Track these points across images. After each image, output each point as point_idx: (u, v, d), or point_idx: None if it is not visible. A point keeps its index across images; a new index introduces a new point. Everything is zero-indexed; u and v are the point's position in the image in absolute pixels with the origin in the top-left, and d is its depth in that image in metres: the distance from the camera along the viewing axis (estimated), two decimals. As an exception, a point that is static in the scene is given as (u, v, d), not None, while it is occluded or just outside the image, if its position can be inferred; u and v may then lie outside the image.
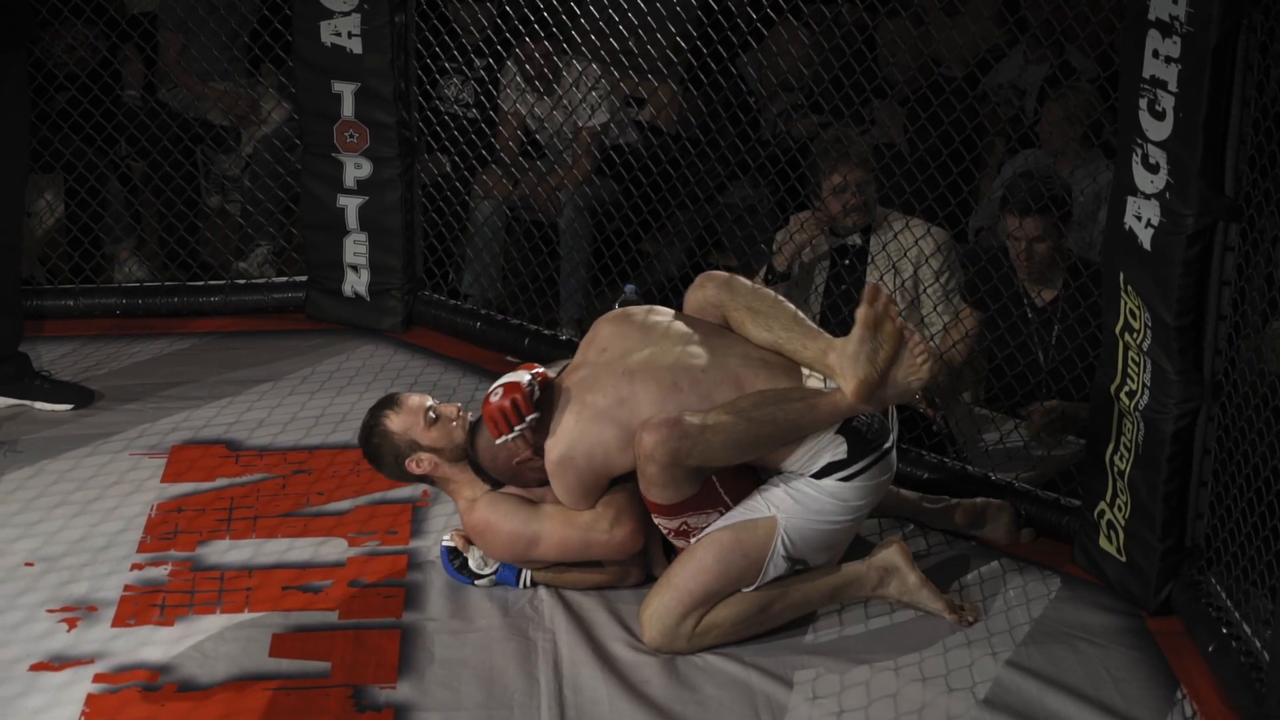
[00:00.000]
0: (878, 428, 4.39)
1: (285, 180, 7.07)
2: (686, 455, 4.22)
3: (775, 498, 4.36)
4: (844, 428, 4.34)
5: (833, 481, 4.33)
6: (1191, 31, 4.03)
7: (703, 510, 4.36)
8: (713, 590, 4.34)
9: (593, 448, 4.37)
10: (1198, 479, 4.43)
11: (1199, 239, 4.16)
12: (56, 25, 6.78)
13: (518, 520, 4.53)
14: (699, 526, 4.38)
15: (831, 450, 4.33)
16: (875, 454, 4.36)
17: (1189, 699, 4.18)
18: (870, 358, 4.27)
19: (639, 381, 4.37)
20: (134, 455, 5.47)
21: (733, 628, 4.36)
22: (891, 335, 4.28)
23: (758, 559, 4.34)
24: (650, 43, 6.21)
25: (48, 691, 4.17)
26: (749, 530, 4.34)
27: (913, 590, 4.51)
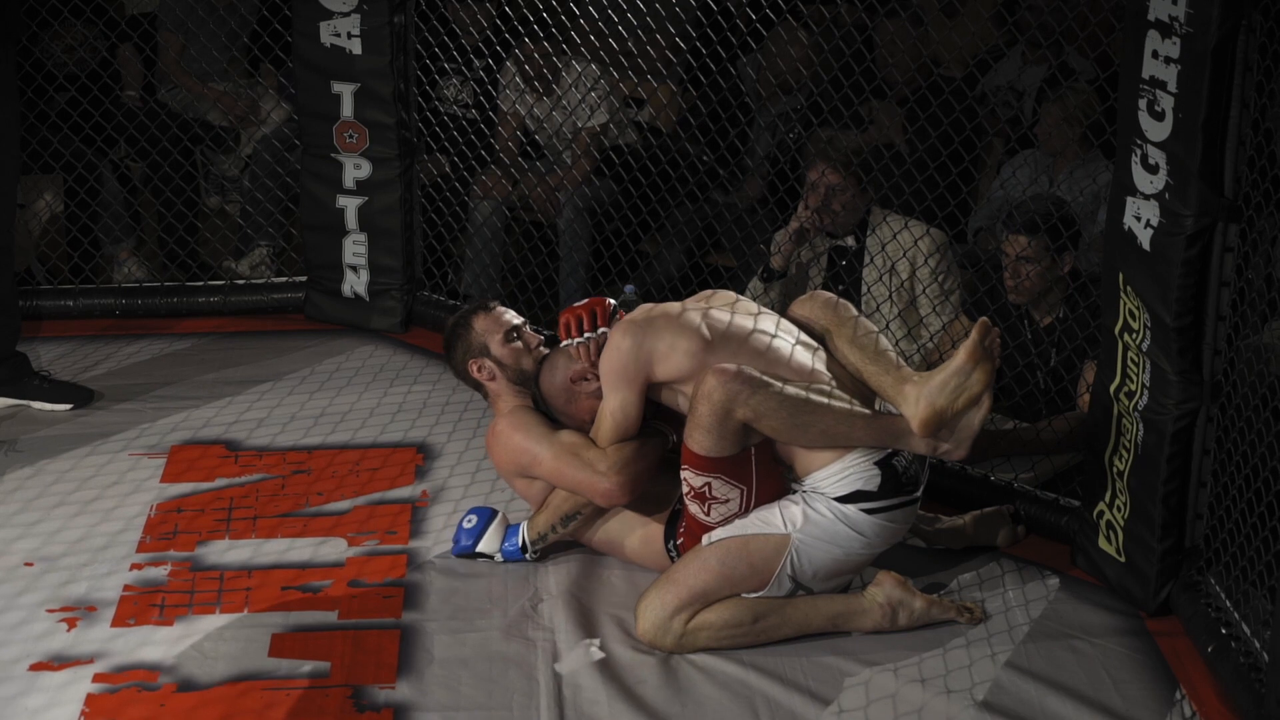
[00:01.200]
0: (913, 475, 4.39)
1: (284, 181, 7.08)
2: (742, 404, 4.21)
3: (793, 516, 4.34)
4: (883, 461, 4.34)
5: (855, 509, 4.32)
6: (1191, 32, 4.03)
7: (730, 480, 4.33)
8: (710, 590, 4.33)
9: (659, 333, 4.40)
10: (1197, 480, 4.43)
11: (1198, 239, 4.16)
12: (56, 26, 6.79)
13: (530, 436, 4.63)
14: (719, 497, 4.35)
15: (865, 478, 4.32)
16: (903, 499, 4.37)
17: (1188, 699, 4.18)
18: (955, 391, 4.25)
19: (731, 332, 4.42)
20: (133, 455, 5.47)
21: (723, 630, 4.34)
22: (985, 378, 4.26)
23: (763, 571, 4.33)
24: (649, 43, 6.21)
25: (47, 691, 4.16)
26: (760, 542, 4.33)
27: (922, 614, 4.47)
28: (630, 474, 4.50)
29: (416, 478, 5.33)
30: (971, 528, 4.90)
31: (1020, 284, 5.43)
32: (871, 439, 4.33)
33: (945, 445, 4.33)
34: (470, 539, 4.79)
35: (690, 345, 4.38)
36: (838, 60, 6.30)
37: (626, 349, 4.42)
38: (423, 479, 5.32)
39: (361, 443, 5.58)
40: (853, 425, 4.31)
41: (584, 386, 4.60)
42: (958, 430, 4.31)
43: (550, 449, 4.59)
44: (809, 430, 4.29)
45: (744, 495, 4.37)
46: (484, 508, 4.86)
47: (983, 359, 4.26)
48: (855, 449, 4.34)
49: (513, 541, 4.76)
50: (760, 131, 6.95)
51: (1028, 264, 5.39)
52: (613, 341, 4.47)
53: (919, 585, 4.56)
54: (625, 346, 4.43)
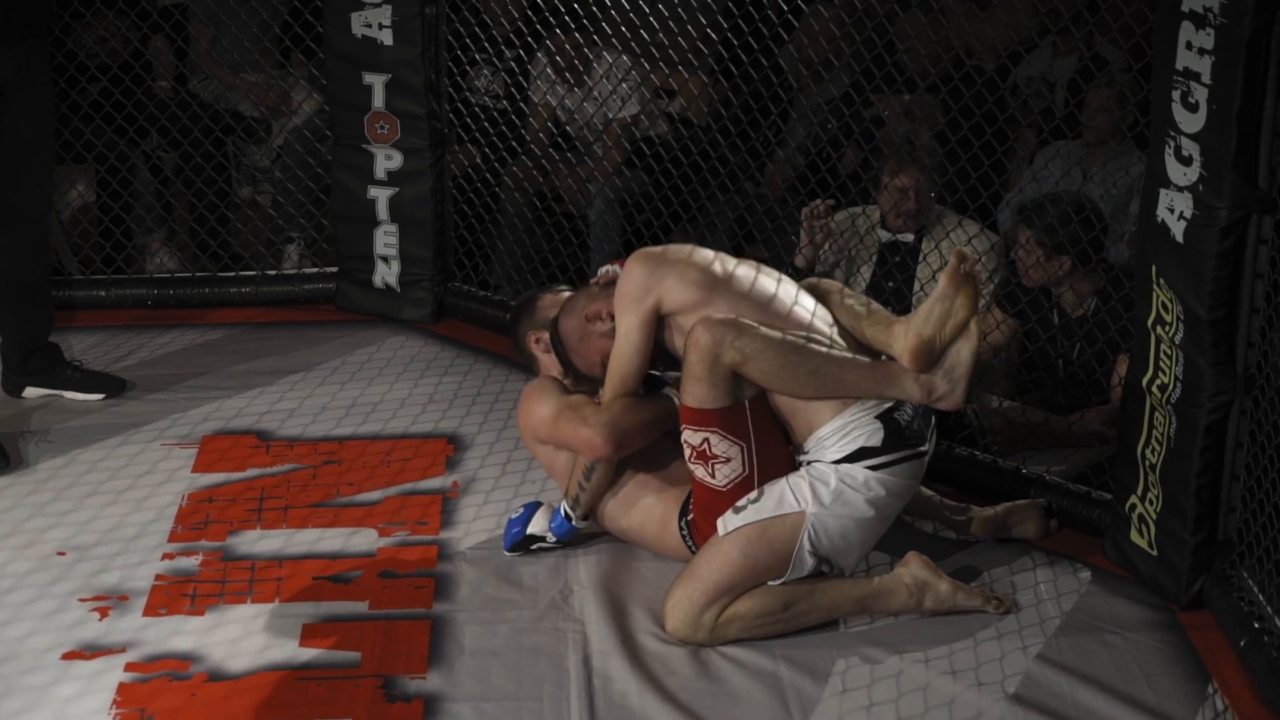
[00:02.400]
0: (917, 429, 4.38)
1: (316, 171, 7.08)
2: (727, 347, 4.25)
3: (803, 491, 4.33)
4: (885, 416, 4.34)
5: (860, 468, 4.31)
6: (1225, 23, 4.01)
7: (728, 435, 4.34)
8: (736, 582, 4.33)
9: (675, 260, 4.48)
10: (1230, 473, 4.41)
11: (1232, 231, 4.14)
12: (88, 17, 6.80)
13: (541, 399, 4.74)
14: (719, 455, 4.35)
15: (867, 434, 4.32)
16: (908, 452, 4.36)
17: (1220, 693, 4.17)
18: (941, 318, 4.29)
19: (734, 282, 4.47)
20: (165, 445, 5.48)
21: (755, 621, 4.34)
22: (968, 303, 4.28)
23: (784, 553, 4.33)
24: (681, 34, 6.20)
25: (79, 680, 4.18)
26: (776, 525, 4.32)
27: (947, 598, 4.46)
28: (618, 427, 4.54)
29: (447, 469, 5.33)
30: (1004, 518, 4.88)
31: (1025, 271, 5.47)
32: (863, 381, 4.33)
33: (940, 386, 4.33)
34: (519, 525, 4.81)
35: (699, 276, 4.44)
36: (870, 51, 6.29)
37: (640, 273, 4.49)
38: (453, 470, 5.33)
39: (392, 433, 5.59)
40: (842, 367, 4.32)
41: (597, 326, 4.65)
42: (949, 368, 4.32)
43: (553, 409, 4.67)
44: (798, 371, 4.30)
45: (744, 453, 4.36)
46: (531, 502, 4.87)
47: (964, 283, 4.29)
48: (854, 404, 4.34)
49: (559, 519, 4.76)
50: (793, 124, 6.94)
51: (1028, 255, 5.41)
52: (628, 268, 4.54)
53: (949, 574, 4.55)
54: (639, 272, 4.50)
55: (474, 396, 5.89)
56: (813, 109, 6.92)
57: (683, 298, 4.42)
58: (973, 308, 4.30)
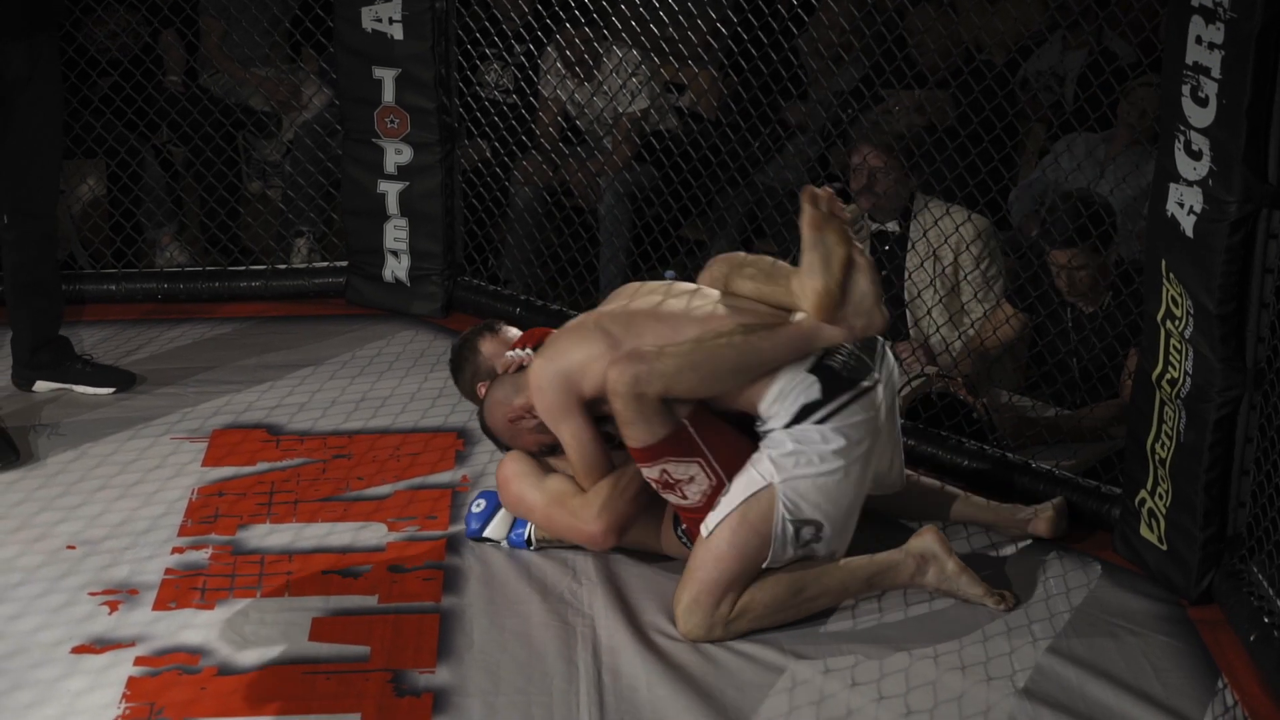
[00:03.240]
0: (855, 365, 4.35)
1: (326, 166, 7.08)
2: (646, 382, 4.22)
3: (764, 467, 4.30)
4: (817, 367, 4.31)
5: (810, 425, 4.28)
6: (1235, 17, 4.00)
7: (681, 458, 4.32)
8: (735, 573, 4.31)
9: (570, 357, 4.42)
10: (1239, 467, 4.40)
11: (1242, 226, 4.13)
12: (99, 11, 6.80)
13: (525, 483, 4.64)
14: (681, 478, 4.34)
15: (805, 391, 4.29)
16: (852, 391, 4.31)
17: (1230, 688, 4.16)
18: (823, 265, 4.26)
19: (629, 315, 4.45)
20: (175, 439, 5.48)
21: (767, 611, 4.34)
22: (839, 237, 4.26)
23: (765, 531, 4.30)
24: (690, 29, 6.20)
25: (89, 674, 4.18)
26: (753, 505, 4.29)
27: (951, 577, 4.46)
28: (613, 515, 4.50)
29: (457, 463, 5.33)
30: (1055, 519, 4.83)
31: (1075, 288, 5.40)
32: (784, 352, 4.31)
33: (857, 323, 4.31)
34: (479, 523, 4.83)
35: (599, 350, 4.38)
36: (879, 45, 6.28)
37: (547, 384, 4.44)
38: (463, 464, 5.33)
39: (402, 428, 5.59)
40: (759, 350, 4.30)
41: (523, 424, 4.63)
42: (856, 303, 4.29)
43: (542, 498, 4.61)
44: (720, 372, 4.28)
45: (704, 466, 4.34)
46: (492, 491, 4.87)
47: (823, 222, 4.27)
48: (784, 369, 4.31)
49: (519, 532, 4.78)
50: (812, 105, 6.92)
51: (1079, 270, 5.36)
52: (533, 383, 4.49)
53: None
54: (545, 383, 4.45)
55: (484, 391, 5.89)
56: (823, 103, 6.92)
57: (598, 379, 4.36)
58: (846, 239, 4.27)
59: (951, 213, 5.71)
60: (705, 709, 4.06)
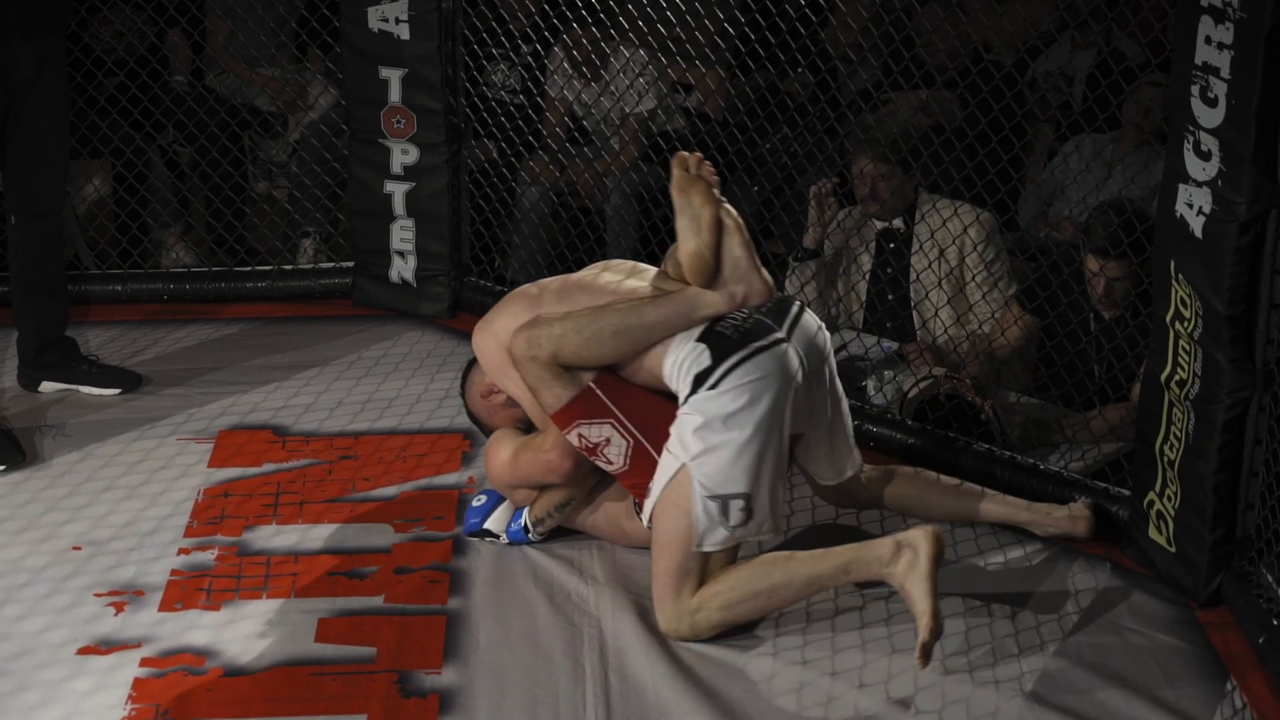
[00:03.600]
0: (749, 327, 4.31)
1: (332, 166, 7.08)
2: (537, 346, 4.33)
3: (674, 445, 4.28)
4: (705, 335, 4.30)
5: (702, 393, 4.25)
6: (1244, 17, 3.98)
7: (592, 420, 4.38)
8: (678, 559, 4.27)
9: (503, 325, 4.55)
10: (1249, 469, 4.39)
11: (1251, 227, 4.12)
12: (105, 11, 6.80)
13: (499, 446, 4.73)
14: (598, 440, 4.39)
15: (695, 361, 4.27)
16: (742, 352, 4.25)
17: (1239, 691, 4.15)
18: (693, 226, 4.28)
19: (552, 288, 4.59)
20: (181, 440, 5.48)
21: (732, 594, 4.27)
22: (704, 198, 4.28)
23: (688, 509, 4.27)
24: (698, 28, 6.19)
25: (95, 675, 4.17)
26: (673, 489, 4.27)
27: (915, 578, 4.16)
28: (566, 443, 4.53)
29: (463, 464, 5.33)
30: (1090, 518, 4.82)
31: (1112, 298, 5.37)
32: (666, 317, 4.32)
33: (738, 289, 4.32)
34: (479, 517, 4.84)
35: (519, 308, 4.53)
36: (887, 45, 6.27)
37: (484, 345, 4.66)
38: (469, 465, 5.32)
39: (408, 428, 5.58)
40: (641, 314, 4.33)
41: (494, 399, 4.79)
42: (732, 267, 4.31)
43: (509, 449, 4.69)
44: (603, 337, 4.33)
45: (616, 426, 4.39)
46: (494, 490, 4.88)
47: (689, 183, 4.30)
48: (674, 339, 4.32)
49: (518, 523, 4.79)
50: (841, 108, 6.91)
51: (1121, 282, 5.34)
52: (475, 344, 4.70)
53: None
54: (482, 345, 4.67)
55: (490, 392, 5.88)
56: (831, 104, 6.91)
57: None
58: (711, 199, 4.29)
59: (959, 212, 5.69)
60: (712, 710, 4.05)
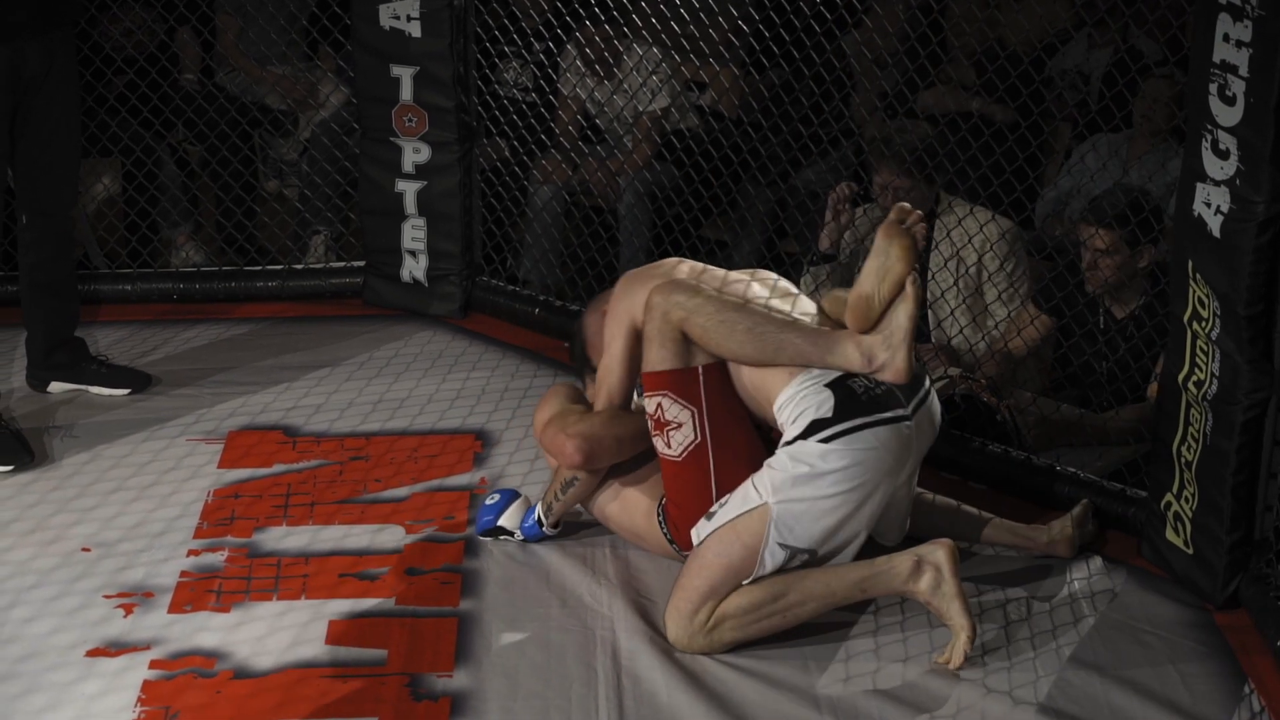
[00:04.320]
0: (880, 394, 4.25)
1: (343, 165, 7.06)
2: (677, 305, 4.32)
3: (763, 484, 4.24)
4: (836, 384, 4.25)
5: (814, 442, 4.19)
6: (1263, 15, 3.96)
7: (679, 399, 4.35)
8: (716, 583, 4.25)
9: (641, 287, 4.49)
10: (1267, 470, 4.37)
11: (1270, 226, 4.10)
12: (114, 9, 6.79)
13: (546, 405, 4.73)
14: (671, 420, 4.35)
15: (817, 405, 4.21)
16: (865, 419, 4.20)
17: (1256, 693, 4.13)
18: (878, 273, 4.22)
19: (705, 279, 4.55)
20: (190, 441, 5.46)
21: (747, 617, 4.25)
22: (904, 255, 4.21)
23: (755, 547, 4.22)
24: (712, 26, 6.17)
25: (104, 677, 4.15)
26: (744, 521, 4.23)
27: (945, 596, 4.21)
28: (592, 437, 4.53)
29: (475, 464, 5.31)
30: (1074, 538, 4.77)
31: (1096, 274, 5.35)
32: (803, 344, 4.28)
33: (879, 354, 4.23)
34: (492, 514, 4.83)
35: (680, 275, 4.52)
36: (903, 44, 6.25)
37: (621, 296, 4.56)
38: (481, 466, 5.30)
39: (420, 429, 5.56)
40: (782, 329, 4.31)
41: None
42: (888, 333, 4.23)
43: (549, 413, 4.68)
44: (735, 329, 4.29)
45: (695, 418, 4.35)
46: (508, 489, 4.90)
47: (897, 234, 4.23)
48: (802, 373, 4.27)
49: (530, 519, 4.78)
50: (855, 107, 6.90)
51: (1106, 256, 5.31)
52: (614, 291, 4.62)
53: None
54: (620, 294, 4.57)
55: (502, 392, 5.87)
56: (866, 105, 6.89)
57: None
58: (909, 261, 4.22)
59: (975, 213, 5.66)
60: (724, 713, 4.03)
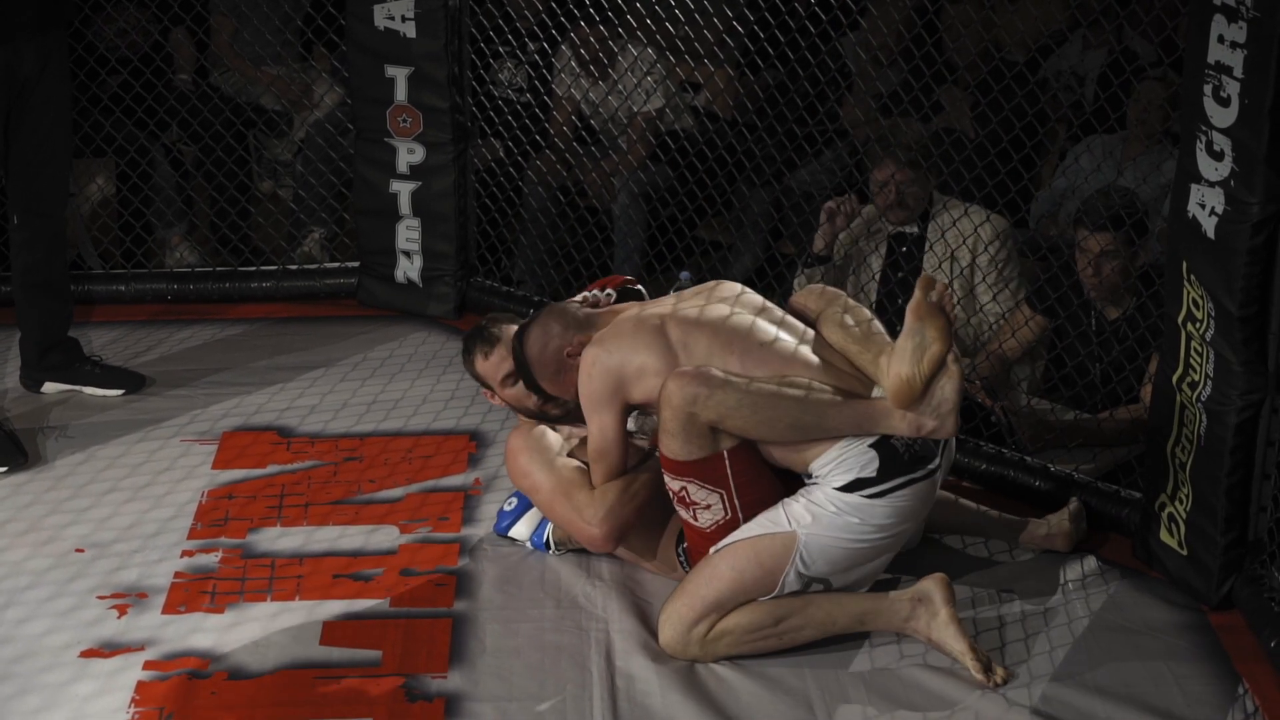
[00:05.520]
0: (919, 451, 4.24)
1: (338, 165, 7.05)
2: (703, 406, 4.14)
3: (796, 513, 4.22)
4: (879, 444, 4.21)
5: (858, 497, 4.19)
6: (1258, 16, 3.96)
7: (706, 484, 4.24)
8: (725, 598, 4.23)
9: (627, 358, 4.34)
10: (1261, 472, 4.37)
11: (1264, 227, 4.09)
12: (108, 9, 6.77)
13: (533, 461, 4.60)
14: (699, 502, 4.27)
15: (860, 465, 4.19)
16: (907, 477, 4.22)
17: (1250, 694, 4.13)
18: (915, 354, 4.15)
19: (700, 330, 4.33)
20: (185, 441, 5.46)
21: (746, 635, 4.24)
22: (942, 332, 4.15)
23: (773, 570, 4.21)
24: (706, 27, 6.17)
25: (98, 678, 4.15)
26: (766, 542, 4.21)
27: (940, 626, 4.26)
28: (615, 521, 4.47)
29: (469, 465, 5.30)
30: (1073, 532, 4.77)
31: (1103, 279, 5.34)
32: (847, 425, 4.21)
33: (929, 423, 4.19)
34: (507, 520, 4.82)
35: (656, 364, 4.30)
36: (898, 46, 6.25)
37: (598, 375, 4.37)
38: (475, 467, 5.30)
39: (414, 430, 5.56)
40: (824, 415, 4.19)
41: (570, 362, 4.51)
42: (935, 404, 4.18)
43: (548, 481, 4.56)
44: (777, 425, 4.19)
45: (724, 500, 4.26)
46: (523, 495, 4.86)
47: (929, 313, 4.16)
48: (844, 439, 4.23)
49: (540, 534, 4.76)
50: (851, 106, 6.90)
51: (1109, 260, 5.30)
52: (584, 366, 4.40)
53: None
54: (595, 373, 4.37)
55: (496, 392, 5.86)
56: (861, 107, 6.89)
57: (648, 390, 4.32)
58: (946, 339, 4.16)
59: (970, 213, 5.67)
60: (719, 716, 4.03)
